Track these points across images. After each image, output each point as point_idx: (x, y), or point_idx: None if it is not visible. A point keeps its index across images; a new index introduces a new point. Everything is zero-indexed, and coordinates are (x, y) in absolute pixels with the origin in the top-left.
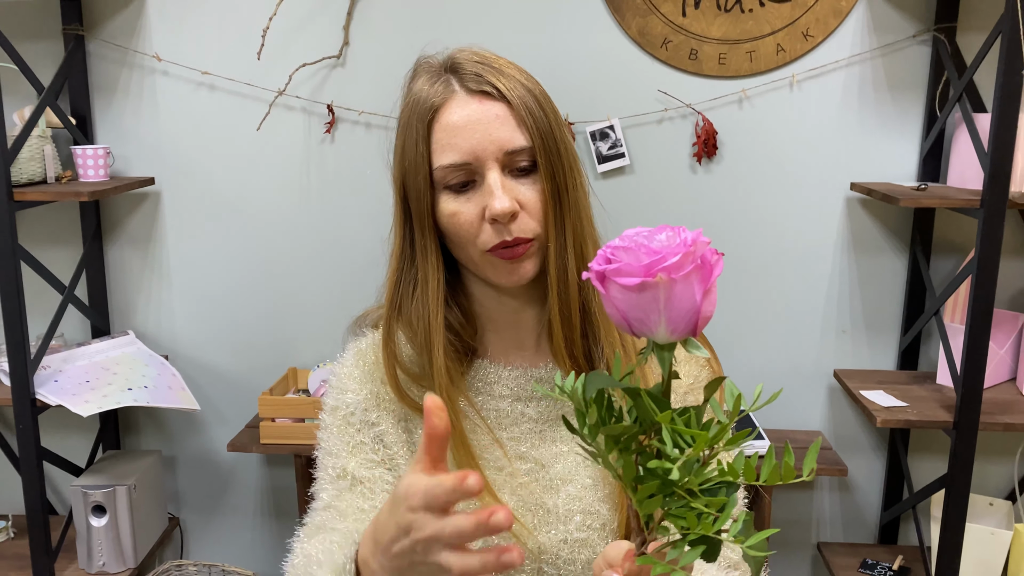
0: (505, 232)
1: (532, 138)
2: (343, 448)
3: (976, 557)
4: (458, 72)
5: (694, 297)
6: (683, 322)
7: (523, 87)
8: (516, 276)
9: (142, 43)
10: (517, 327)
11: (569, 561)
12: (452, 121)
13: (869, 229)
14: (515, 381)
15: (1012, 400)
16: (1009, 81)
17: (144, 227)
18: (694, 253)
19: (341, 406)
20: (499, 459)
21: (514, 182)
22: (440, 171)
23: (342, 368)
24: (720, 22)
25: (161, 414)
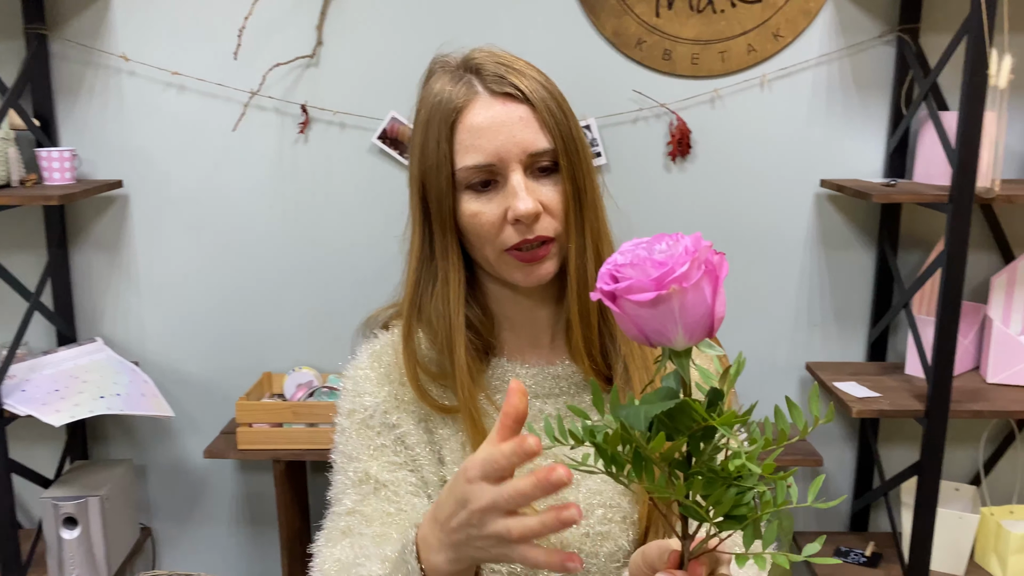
0: (527, 232)
1: (554, 140)
2: (364, 452)
3: (945, 541)
4: (480, 73)
5: (707, 301)
6: (699, 327)
7: (544, 89)
8: (535, 277)
9: (108, 43)
10: (533, 326)
11: (591, 554)
12: (476, 123)
13: (838, 225)
14: (532, 379)
15: (977, 388)
16: (975, 80)
17: (112, 231)
18: (699, 259)
19: (359, 409)
20: None
21: (536, 183)
22: (463, 171)
23: (357, 371)
24: (693, 23)
25: (130, 422)
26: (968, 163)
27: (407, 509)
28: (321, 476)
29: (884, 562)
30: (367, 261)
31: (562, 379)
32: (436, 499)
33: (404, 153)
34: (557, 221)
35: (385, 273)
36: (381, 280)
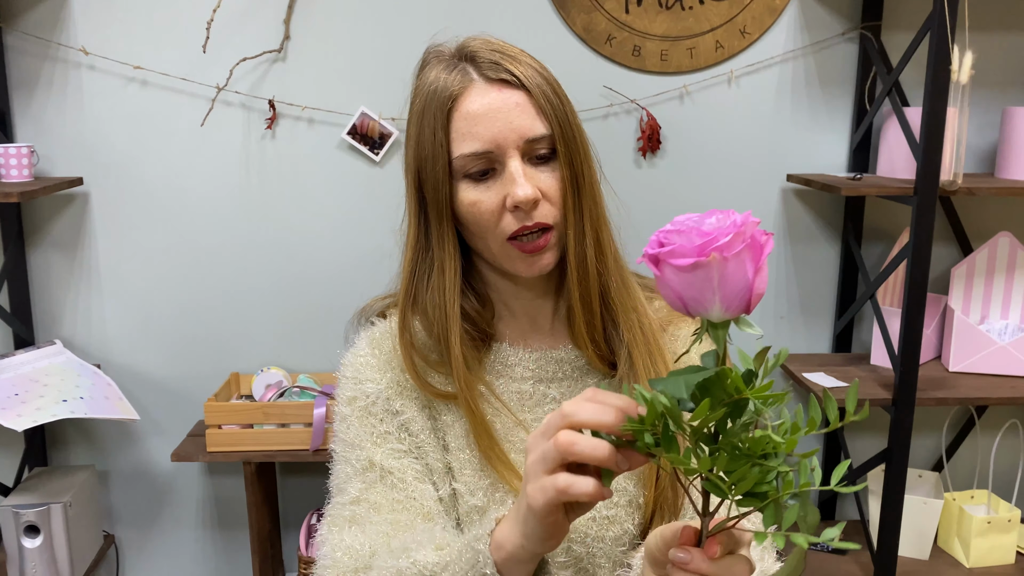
0: (526, 219)
1: (551, 126)
2: (367, 439)
3: (910, 527)
4: (475, 60)
5: (746, 275)
6: (737, 299)
7: (539, 75)
8: (536, 268)
9: (66, 35)
10: (533, 313)
11: (598, 538)
12: (472, 110)
13: (803, 218)
14: (536, 363)
15: (940, 377)
16: (938, 77)
17: (71, 230)
18: (744, 233)
19: (360, 396)
20: (524, 440)
21: (534, 170)
22: (460, 160)
23: (357, 358)
24: (662, 19)
25: (92, 427)
26: (932, 157)
27: (415, 496)
28: (291, 477)
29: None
30: (336, 258)
31: (565, 363)
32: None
33: (374, 149)
34: (556, 208)
35: (354, 270)
36: (350, 278)
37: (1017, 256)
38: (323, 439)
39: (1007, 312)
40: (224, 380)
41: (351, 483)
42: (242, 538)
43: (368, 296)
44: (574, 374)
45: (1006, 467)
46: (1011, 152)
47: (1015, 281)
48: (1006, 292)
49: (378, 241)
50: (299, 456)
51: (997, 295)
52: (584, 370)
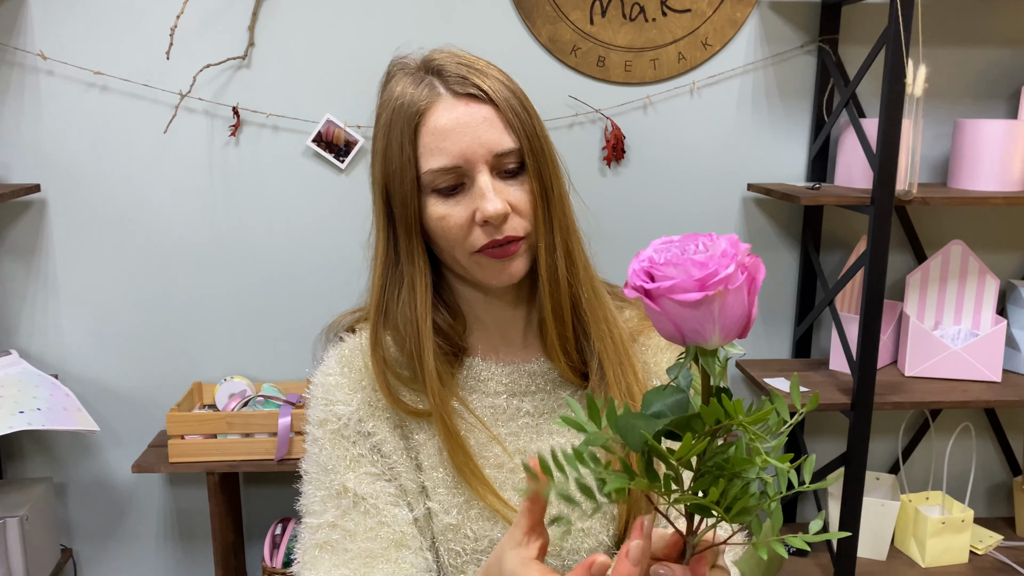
0: (496, 232)
1: (520, 140)
2: (340, 463)
3: (868, 528)
4: (441, 74)
5: (744, 304)
6: (735, 328)
7: (506, 88)
8: (506, 275)
9: (23, 40)
10: (504, 325)
11: (573, 550)
12: (440, 124)
13: (763, 227)
14: (508, 377)
15: (896, 381)
16: (893, 89)
17: (28, 238)
18: (742, 263)
19: (331, 418)
20: (499, 455)
21: (503, 184)
22: (429, 175)
23: (327, 378)
24: (625, 31)
25: (49, 438)
26: (887, 167)
27: (389, 522)
28: (255, 487)
29: (813, 551)
30: (301, 267)
31: (537, 376)
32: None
33: (339, 157)
34: (526, 220)
35: (318, 278)
36: (314, 286)
37: (969, 263)
38: (288, 449)
39: (959, 318)
40: (187, 390)
41: (326, 508)
42: (205, 550)
43: (333, 303)
44: (547, 387)
45: (960, 469)
46: (963, 163)
47: (967, 287)
48: (958, 298)
49: (344, 249)
50: (264, 466)
51: (950, 301)
52: (557, 383)
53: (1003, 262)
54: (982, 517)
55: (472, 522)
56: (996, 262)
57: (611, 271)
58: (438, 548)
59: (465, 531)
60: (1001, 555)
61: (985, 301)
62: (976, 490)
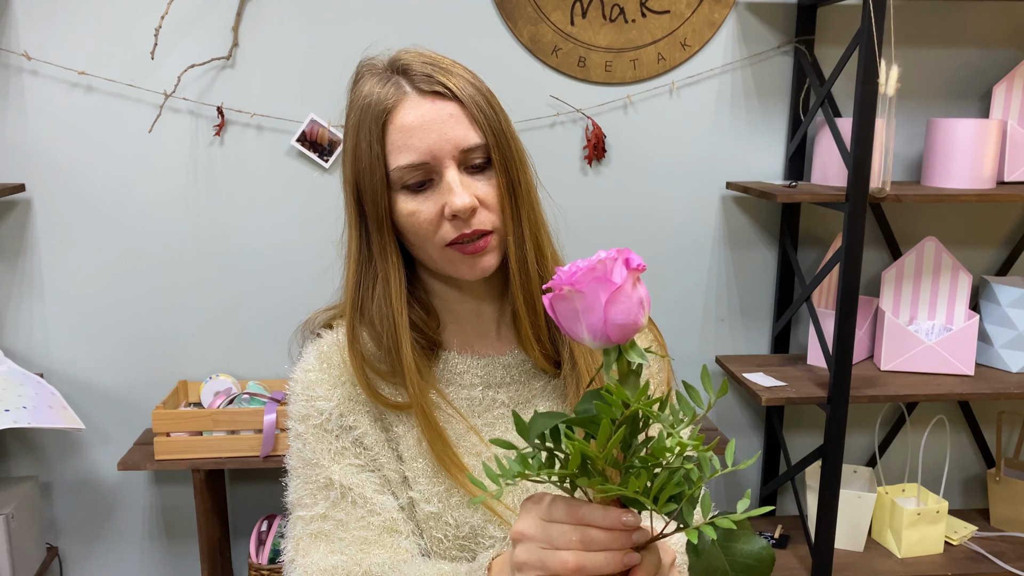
0: (464, 226)
1: (485, 135)
2: (324, 456)
3: (845, 520)
4: (407, 73)
5: (600, 306)
6: (598, 329)
7: (472, 86)
8: (478, 270)
9: (7, 40)
10: (478, 319)
11: None
12: (407, 122)
13: (742, 224)
14: (484, 369)
15: (872, 375)
16: (867, 89)
17: (12, 237)
18: (597, 268)
19: (313, 414)
20: (476, 445)
21: (470, 179)
22: (397, 171)
23: (306, 374)
24: (606, 31)
25: (33, 437)
26: (862, 165)
27: (378, 510)
28: (240, 484)
29: (792, 543)
30: (285, 265)
31: (512, 368)
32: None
33: (324, 156)
34: (494, 214)
35: (303, 277)
36: (299, 284)
37: (942, 259)
38: (273, 445)
39: (933, 313)
40: (172, 388)
41: (316, 500)
42: (191, 547)
43: (317, 302)
44: (521, 378)
45: (935, 461)
46: (936, 161)
47: (940, 283)
48: (932, 294)
49: (327, 247)
50: (249, 463)
51: (924, 297)
52: (531, 374)
53: (975, 258)
54: (957, 509)
55: (453, 509)
56: (969, 258)
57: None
58: (423, 536)
59: (446, 518)
60: (975, 545)
61: (958, 296)
62: (951, 482)
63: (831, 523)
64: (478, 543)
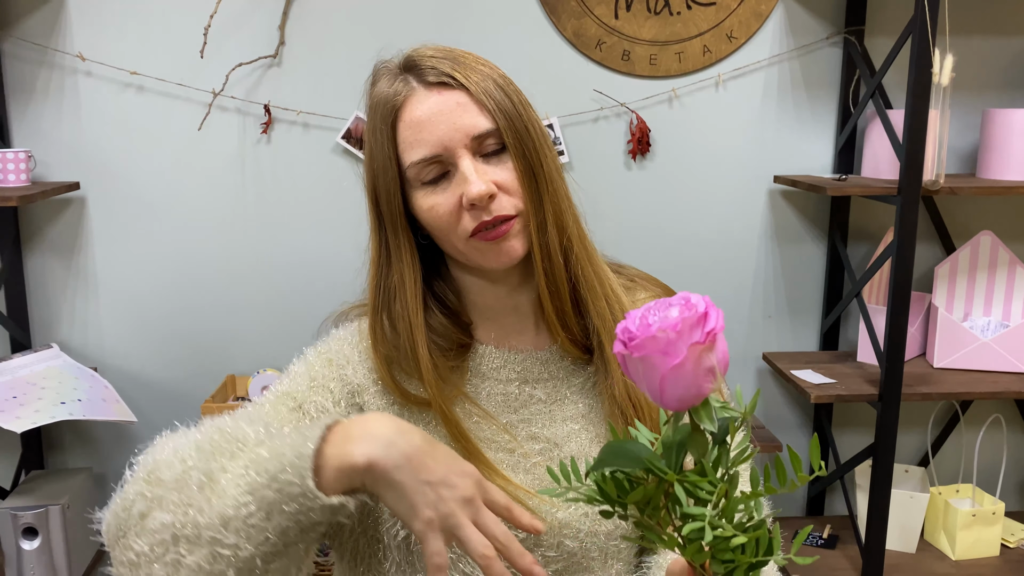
0: (484, 213)
1: (496, 119)
2: (305, 381)
3: (897, 521)
4: (415, 69)
5: (657, 377)
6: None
7: (480, 73)
8: (505, 257)
9: (63, 42)
10: (514, 313)
11: (591, 533)
12: (415, 117)
13: (790, 219)
14: (521, 364)
15: (925, 373)
16: (920, 80)
17: (68, 234)
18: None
19: (331, 352)
20: (508, 441)
21: (487, 165)
22: (412, 168)
23: (344, 332)
24: (650, 24)
25: (88, 430)
26: (915, 158)
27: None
28: None
29: (841, 543)
30: (330, 261)
31: (550, 363)
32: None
33: None
34: (516, 198)
35: (347, 273)
36: (344, 280)
37: (998, 254)
38: None
39: (989, 309)
40: (220, 382)
41: (264, 400)
42: None
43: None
44: (559, 374)
45: (990, 461)
46: (991, 153)
47: (996, 278)
48: (988, 289)
49: None
50: None
51: (979, 292)
52: (569, 370)
53: None
54: (1014, 510)
55: None
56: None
57: (637, 263)
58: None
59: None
60: None
61: (1016, 292)
62: (1007, 483)
63: (882, 523)
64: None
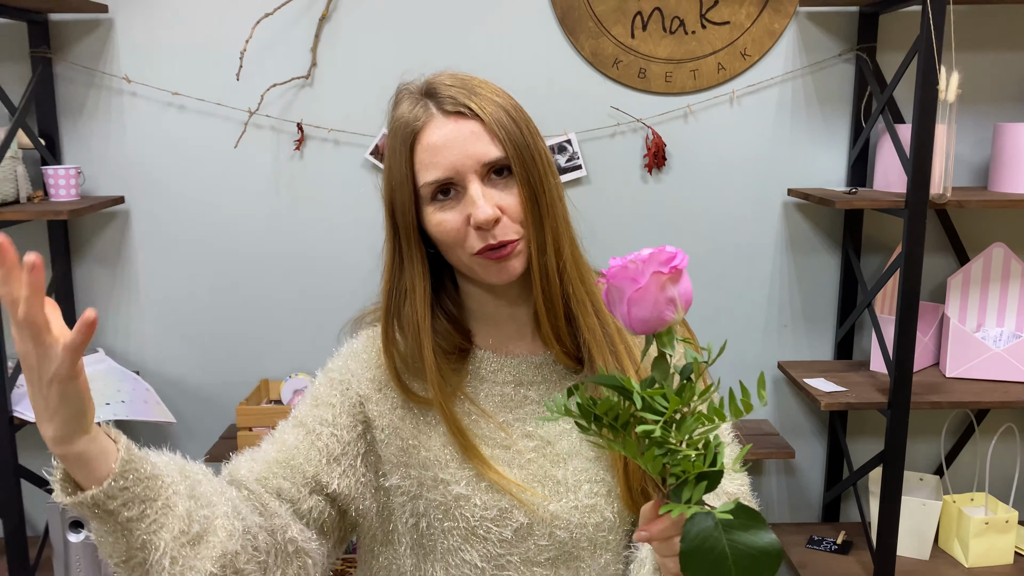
0: (490, 236)
1: (506, 149)
2: (310, 400)
3: (910, 528)
4: (435, 96)
5: (625, 301)
6: (625, 320)
7: (494, 103)
8: (505, 274)
9: (110, 65)
10: (512, 322)
11: (580, 525)
12: (432, 141)
13: (804, 231)
14: (516, 368)
15: (936, 382)
16: (926, 96)
17: (113, 245)
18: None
19: (337, 370)
20: (504, 439)
21: (494, 190)
22: (425, 188)
23: (354, 345)
24: (666, 43)
25: (130, 429)
26: (921, 171)
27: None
28: None
29: (855, 549)
30: (358, 269)
31: (544, 367)
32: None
33: None
34: (518, 223)
35: (374, 282)
36: (371, 288)
37: (1011, 265)
38: None
39: (1002, 320)
40: (254, 386)
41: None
42: None
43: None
44: (552, 377)
45: (1005, 471)
46: (1003, 166)
47: (1009, 289)
48: (1001, 300)
49: None
50: None
51: (992, 303)
52: (562, 373)
53: None
54: None
55: (482, 493)
56: None
57: None
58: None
59: (475, 500)
60: None
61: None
62: (1021, 492)
63: (892, 529)
64: (504, 525)
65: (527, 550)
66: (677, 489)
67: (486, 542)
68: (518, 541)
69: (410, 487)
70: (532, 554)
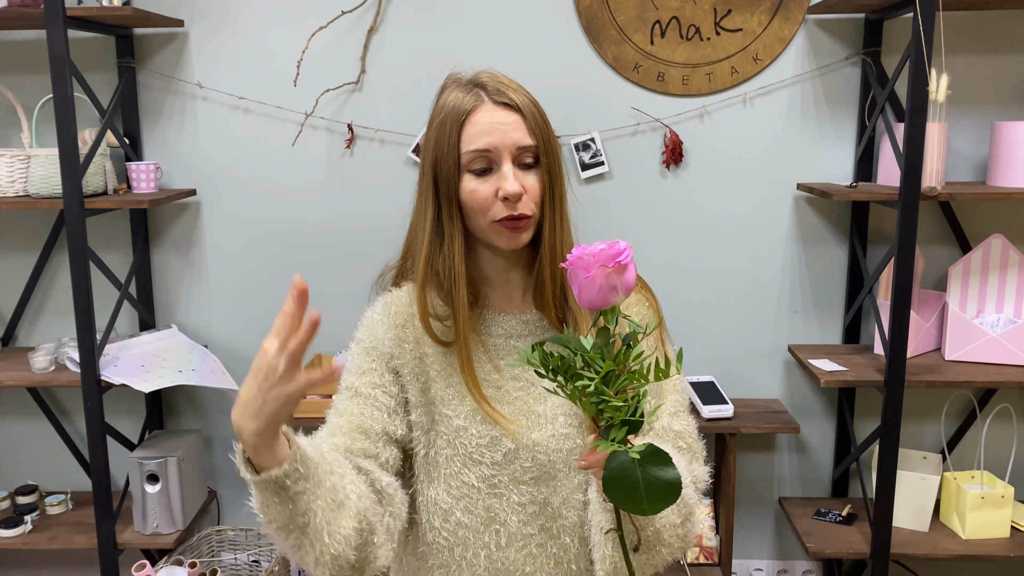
0: (511, 208)
1: (537, 140)
2: (355, 371)
3: (911, 501)
4: (485, 87)
5: (577, 280)
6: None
7: (531, 104)
8: (515, 242)
9: (185, 73)
10: (507, 284)
11: (557, 450)
12: (481, 120)
13: (814, 223)
14: (508, 323)
15: (936, 364)
16: (917, 96)
17: (186, 233)
18: (583, 259)
19: (366, 339)
20: (497, 380)
21: (521, 172)
22: (468, 155)
23: (373, 314)
24: (683, 49)
25: (198, 398)
26: (913, 166)
27: (366, 415)
28: None
29: (858, 521)
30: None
31: (530, 324)
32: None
33: None
34: (534, 203)
35: None
36: None
37: (1009, 255)
38: None
39: (1001, 307)
40: (309, 359)
41: (337, 399)
42: None
43: None
44: (537, 332)
45: (1004, 450)
46: (1000, 162)
47: (1007, 278)
48: (999, 288)
49: None
50: None
51: (992, 291)
52: (545, 329)
53: None
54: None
55: (477, 424)
56: None
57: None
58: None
59: (471, 431)
60: None
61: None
62: (1018, 469)
63: (888, 501)
64: (495, 450)
65: (514, 471)
66: (606, 430)
67: (480, 465)
68: (507, 463)
69: (426, 422)
70: (519, 474)
